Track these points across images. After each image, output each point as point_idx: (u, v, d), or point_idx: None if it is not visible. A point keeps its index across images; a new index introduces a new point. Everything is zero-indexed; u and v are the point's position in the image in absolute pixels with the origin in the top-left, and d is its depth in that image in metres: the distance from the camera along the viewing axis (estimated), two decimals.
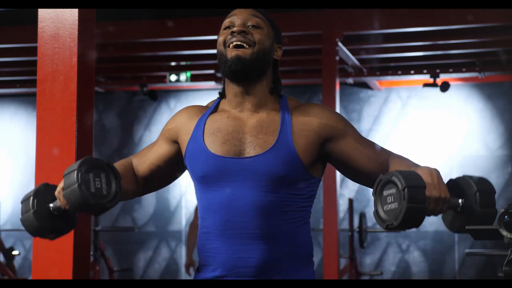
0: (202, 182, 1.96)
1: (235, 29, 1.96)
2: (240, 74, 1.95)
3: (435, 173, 1.78)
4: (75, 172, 1.87)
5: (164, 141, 2.06)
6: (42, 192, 1.97)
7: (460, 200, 1.81)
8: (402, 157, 1.98)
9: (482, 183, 1.81)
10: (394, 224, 1.73)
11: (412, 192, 1.70)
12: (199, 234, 2.00)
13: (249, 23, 1.98)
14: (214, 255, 1.93)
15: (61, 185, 1.91)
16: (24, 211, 1.96)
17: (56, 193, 1.93)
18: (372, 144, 1.99)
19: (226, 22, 1.99)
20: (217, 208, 1.93)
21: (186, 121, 2.02)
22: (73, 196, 1.86)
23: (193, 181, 2.01)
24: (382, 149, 2.00)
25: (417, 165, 1.88)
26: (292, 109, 1.99)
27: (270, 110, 1.98)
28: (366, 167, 1.96)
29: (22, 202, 1.98)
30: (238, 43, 1.94)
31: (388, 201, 1.76)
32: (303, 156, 1.92)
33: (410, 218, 1.71)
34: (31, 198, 1.95)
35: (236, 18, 1.98)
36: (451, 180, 1.86)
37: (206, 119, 1.99)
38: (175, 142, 2.04)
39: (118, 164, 2.06)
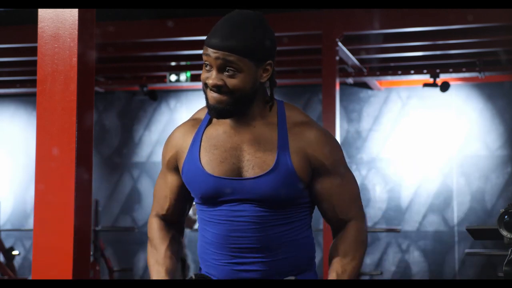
0: (200, 200, 1.96)
1: (209, 84, 1.86)
2: (224, 117, 1.90)
3: None
4: None
5: (171, 173, 2.02)
6: None
7: None
8: (355, 237, 1.97)
9: None
10: None
11: None
12: (200, 241, 2.00)
13: (225, 69, 1.85)
14: (215, 265, 1.94)
15: None
16: None
17: None
18: (345, 197, 1.96)
19: (204, 57, 1.88)
20: (216, 222, 1.92)
21: (182, 141, 1.98)
22: None
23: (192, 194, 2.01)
24: (352, 208, 1.97)
25: (351, 262, 1.92)
26: (291, 127, 1.93)
27: (268, 123, 1.93)
28: (326, 213, 1.97)
29: None
30: (215, 89, 1.87)
31: None
32: (301, 175, 1.90)
33: None
34: None
35: (211, 62, 1.86)
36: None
37: (202, 135, 1.95)
38: (178, 168, 2.01)
39: (163, 243, 2.02)
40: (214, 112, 1.88)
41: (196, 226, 7.03)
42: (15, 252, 7.36)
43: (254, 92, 1.89)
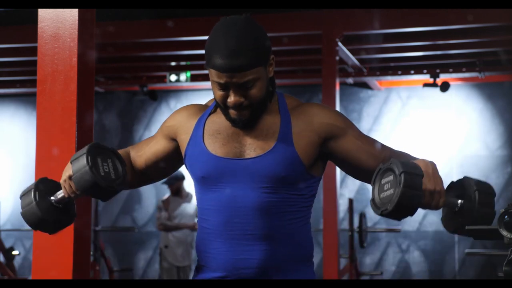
0: (202, 183, 1.96)
1: (230, 104, 1.88)
2: (250, 125, 1.94)
3: (431, 166, 1.81)
4: (85, 155, 1.89)
5: (163, 138, 2.07)
6: (43, 185, 1.98)
7: (459, 201, 1.82)
8: (403, 152, 2.00)
9: (481, 184, 1.82)
10: (388, 209, 1.73)
11: (408, 177, 1.71)
12: (199, 234, 2.00)
13: (241, 83, 1.86)
14: (214, 255, 1.93)
15: (67, 173, 1.93)
16: (25, 204, 1.96)
17: (61, 181, 1.94)
18: (373, 141, 1.99)
19: (216, 80, 1.87)
20: (217, 208, 1.93)
21: (186, 120, 2.03)
22: (83, 179, 1.88)
23: (194, 181, 2.01)
24: (383, 146, 2.00)
25: (416, 158, 1.91)
26: (292, 109, 1.98)
27: (270, 111, 1.97)
28: (368, 164, 1.96)
29: (21, 196, 1.98)
30: (236, 107, 1.89)
31: (385, 188, 1.78)
32: (303, 156, 1.92)
33: (405, 203, 1.71)
34: (33, 190, 1.96)
35: (226, 84, 1.86)
36: (452, 182, 1.87)
37: (206, 120, 1.99)
38: (173, 139, 2.05)
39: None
40: (240, 125, 1.92)
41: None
42: (15, 252, 7.36)
43: (268, 90, 1.94)
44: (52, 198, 1.97)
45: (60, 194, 1.96)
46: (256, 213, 1.90)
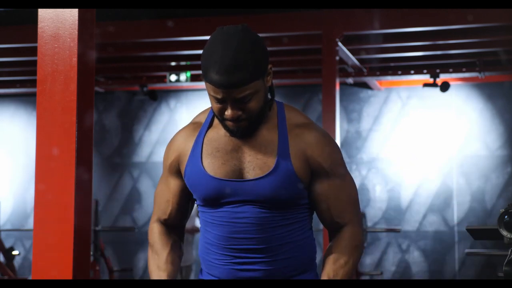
0: (203, 202, 1.96)
1: (228, 118, 1.87)
2: (248, 136, 1.93)
3: None
4: None
5: (173, 177, 2.02)
6: None
7: None
8: (351, 239, 1.97)
9: None
10: None
11: None
12: (202, 242, 2.01)
13: (239, 98, 1.84)
14: (217, 266, 1.95)
15: None
16: None
17: None
18: (342, 199, 1.96)
19: (213, 94, 1.85)
20: (218, 223, 1.93)
21: (184, 145, 1.98)
22: None
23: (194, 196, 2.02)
24: (350, 212, 1.97)
25: (345, 259, 1.94)
26: (291, 127, 1.94)
27: (268, 126, 1.94)
28: (322, 215, 1.97)
29: None
30: (234, 120, 1.88)
31: None
32: (301, 176, 1.91)
33: None
34: None
35: (224, 99, 1.84)
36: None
37: (203, 138, 1.96)
38: (180, 171, 2.01)
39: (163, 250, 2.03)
40: (238, 134, 1.90)
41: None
42: (15, 252, 7.35)
43: (266, 99, 1.92)
44: None
45: None
46: (257, 228, 1.90)
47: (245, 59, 1.80)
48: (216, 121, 1.98)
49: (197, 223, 7.15)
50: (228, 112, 1.85)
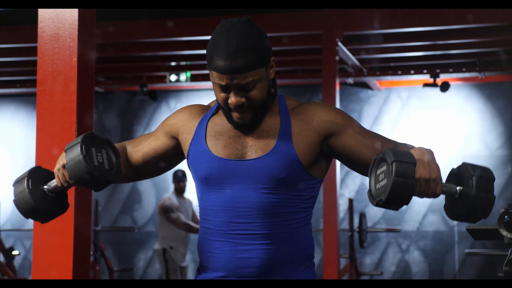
0: (204, 183, 1.98)
1: (232, 105, 1.90)
2: (253, 128, 1.96)
3: (428, 154, 1.79)
4: (79, 145, 1.89)
5: (163, 134, 2.09)
6: (37, 174, 1.97)
7: (457, 187, 1.81)
8: (406, 144, 2.00)
9: (480, 168, 1.81)
10: (382, 199, 1.73)
11: (399, 166, 1.71)
12: (200, 234, 2.01)
13: (242, 85, 1.88)
14: (216, 255, 1.95)
15: (61, 162, 1.93)
16: (18, 192, 1.96)
17: (55, 170, 1.95)
18: (375, 135, 2.01)
19: (216, 82, 1.89)
20: (219, 209, 1.94)
21: (188, 120, 2.05)
22: (77, 168, 1.87)
23: (195, 182, 2.02)
24: (386, 139, 2.01)
25: (413, 147, 1.90)
26: (291, 109, 2.00)
27: (271, 113, 1.99)
28: (370, 159, 1.95)
29: (14, 184, 1.98)
30: (238, 108, 1.91)
31: (380, 178, 1.78)
32: (302, 157, 1.94)
33: (397, 192, 1.71)
34: (26, 178, 1.95)
35: (227, 86, 1.88)
36: (452, 169, 1.87)
37: (208, 121, 2.01)
38: (174, 137, 2.07)
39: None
40: (243, 127, 1.94)
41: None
42: (15, 252, 7.35)
43: (269, 92, 1.96)
44: (45, 187, 1.96)
45: (53, 183, 1.95)
46: (257, 213, 1.91)
47: (248, 46, 1.85)
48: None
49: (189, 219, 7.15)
50: (232, 100, 1.89)
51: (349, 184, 8.62)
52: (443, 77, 7.95)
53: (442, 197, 1.87)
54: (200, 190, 2.00)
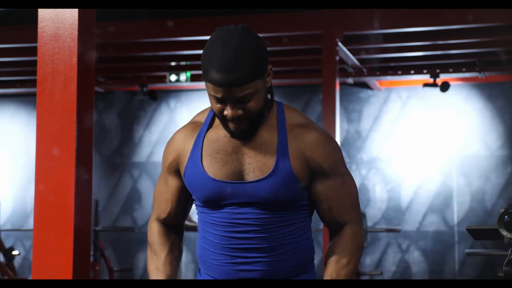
0: (203, 203, 1.97)
1: (228, 117, 1.86)
2: (249, 137, 1.93)
3: None
4: None
5: (172, 177, 2.02)
6: None
7: None
8: (353, 238, 1.97)
9: None
10: None
11: None
12: (200, 242, 2.01)
13: (239, 97, 1.84)
14: (215, 266, 1.95)
15: None
16: None
17: None
18: (343, 199, 1.97)
19: (212, 93, 1.85)
20: (218, 223, 1.94)
21: (183, 144, 1.98)
22: None
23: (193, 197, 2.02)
24: (352, 210, 1.98)
25: (347, 259, 1.94)
26: (290, 129, 1.94)
27: (268, 127, 1.94)
28: (323, 215, 1.97)
29: None
30: (235, 119, 1.87)
31: None
32: (301, 178, 1.91)
33: None
34: None
35: (223, 98, 1.84)
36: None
37: (203, 138, 1.96)
38: (179, 170, 2.01)
39: (162, 247, 2.04)
40: (240, 136, 1.90)
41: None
42: (15, 252, 7.35)
43: (266, 100, 1.92)
44: None
45: None
46: (257, 229, 1.91)
47: (245, 58, 1.79)
48: (216, 121, 1.97)
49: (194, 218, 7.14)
50: (228, 112, 1.85)
51: None
52: (443, 77, 7.95)
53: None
54: (199, 206, 1.99)
